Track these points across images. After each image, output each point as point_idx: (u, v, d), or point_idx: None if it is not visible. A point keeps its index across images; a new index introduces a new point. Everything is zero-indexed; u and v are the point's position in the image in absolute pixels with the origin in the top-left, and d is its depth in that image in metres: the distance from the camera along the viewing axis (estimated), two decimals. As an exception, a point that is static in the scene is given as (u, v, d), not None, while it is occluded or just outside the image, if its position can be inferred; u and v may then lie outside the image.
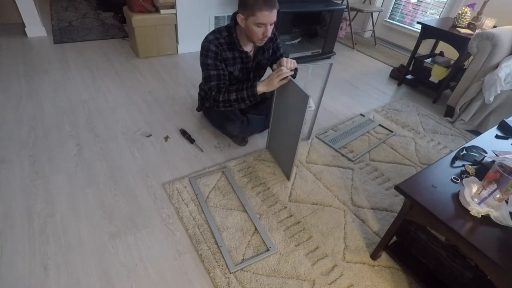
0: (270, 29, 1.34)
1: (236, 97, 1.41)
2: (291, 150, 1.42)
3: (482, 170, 1.06)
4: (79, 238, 1.16)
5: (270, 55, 1.60)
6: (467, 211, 0.89)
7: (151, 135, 1.72)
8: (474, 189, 0.93)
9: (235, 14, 1.36)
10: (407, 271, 1.14)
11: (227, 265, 1.11)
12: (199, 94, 1.78)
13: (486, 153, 1.15)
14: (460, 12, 2.33)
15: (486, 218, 0.88)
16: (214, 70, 1.42)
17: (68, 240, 1.15)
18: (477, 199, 0.91)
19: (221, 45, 1.41)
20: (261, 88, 1.39)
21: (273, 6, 1.27)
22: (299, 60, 2.83)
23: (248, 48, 1.50)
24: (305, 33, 3.09)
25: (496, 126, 1.37)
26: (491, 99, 1.93)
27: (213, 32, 1.43)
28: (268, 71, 1.59)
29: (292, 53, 2.81)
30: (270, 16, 1.29)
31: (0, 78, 2.06)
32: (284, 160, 1.54)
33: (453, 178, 1.03)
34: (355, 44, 3.49)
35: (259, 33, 1.33)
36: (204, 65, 1.44)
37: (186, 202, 1.34)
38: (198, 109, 1.87)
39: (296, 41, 3.02)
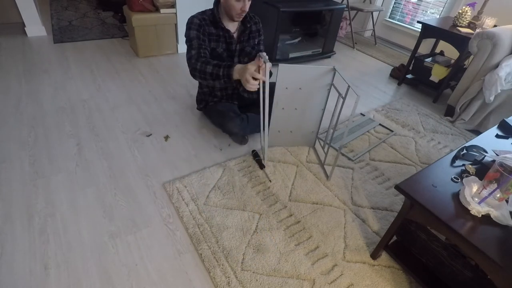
0: (248, 4, 1.43)
1: (212, 71, 1.39)
2: (313, 122, 1.63)
3: (483, 169, 1.06)
4: (79, 237, 1.16)
5: (255, 44, 1.65)
6: (467, 211, 0.89)
7: (151, 134, 1.72)
8: (475, 188, 0.93)
9: None
10: (407, 270, 1.14)
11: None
12: (198, 89, 1.79)
13: (486, 152, 1.15)
14: (460, 11, 2.33)
15: (487, 218, 0.88)
16: (196, 40, 1.48)
17: (68, 240, 1.15)
18: (478, 198, 0.91)
19: (204, 20, 1.50)
20: (236, 73, 1.35)
21: None
22: (299, 59, 2.84)
23: (231, 28, 1.56)
24: (305, 33, 3.08)
25: (496, 126, 1.37)
26: (492, 98, 1.93)
27: (198, 12, 1.53)
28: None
29: (292, 53, 2.80)
30: None
31: (0, 77, 2.06)
32: (302, 135, 1.71)
33: (454, 177, 1.03)
34: (355, 43, 3.49)
35: (238, 7, 1.41)
36: (187, 38, 1.50)
37: (186, 201, 1.34)
38: (198, 108, 1.87)
39: (296, 40, 3.02)
